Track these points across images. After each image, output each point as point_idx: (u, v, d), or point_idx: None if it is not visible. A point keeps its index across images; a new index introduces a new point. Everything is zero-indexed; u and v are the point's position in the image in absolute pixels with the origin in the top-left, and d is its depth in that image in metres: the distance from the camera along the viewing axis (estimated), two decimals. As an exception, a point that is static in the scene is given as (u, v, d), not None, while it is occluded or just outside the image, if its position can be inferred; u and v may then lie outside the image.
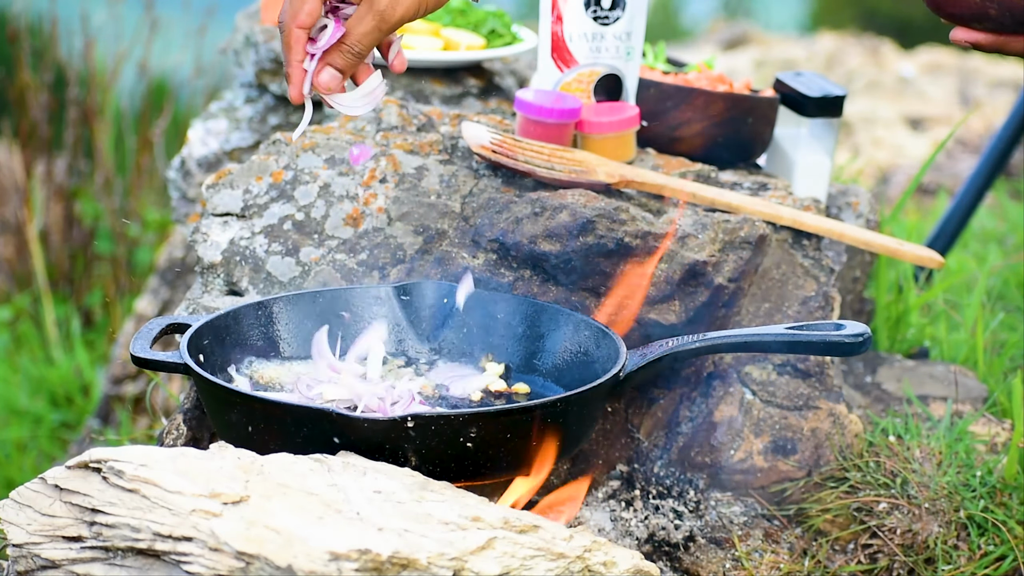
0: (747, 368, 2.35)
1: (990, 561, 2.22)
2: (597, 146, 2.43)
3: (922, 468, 2.31)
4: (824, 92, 2.54)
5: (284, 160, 2.39)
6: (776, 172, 2.59)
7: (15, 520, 1.76)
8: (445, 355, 2.23)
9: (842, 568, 2.23)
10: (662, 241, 2.20)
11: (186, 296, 2.34)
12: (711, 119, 2.50)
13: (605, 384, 1.98)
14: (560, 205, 2.28)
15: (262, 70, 3.06)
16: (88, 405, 4.20)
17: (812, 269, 2.39)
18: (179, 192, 3.15)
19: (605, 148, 2.43)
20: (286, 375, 2.13)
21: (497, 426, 1.88)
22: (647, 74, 2.59)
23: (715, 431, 2.30)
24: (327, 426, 1.85)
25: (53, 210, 4.87)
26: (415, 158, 2.38)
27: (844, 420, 2.34)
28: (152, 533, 1.66)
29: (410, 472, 1.84)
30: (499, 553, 1.70)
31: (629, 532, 2.21)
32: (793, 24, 10.86)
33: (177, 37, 5.29)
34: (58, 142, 4.96)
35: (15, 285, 4.83)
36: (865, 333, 1.99)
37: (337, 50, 1.93)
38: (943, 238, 3.12)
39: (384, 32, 1.92)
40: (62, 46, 5.00)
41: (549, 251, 2.25)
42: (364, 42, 1.92)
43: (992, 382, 2.66)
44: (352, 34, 1.92)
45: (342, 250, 2.30)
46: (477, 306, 2.21)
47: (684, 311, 2.28)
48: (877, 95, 5.71)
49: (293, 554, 1.60)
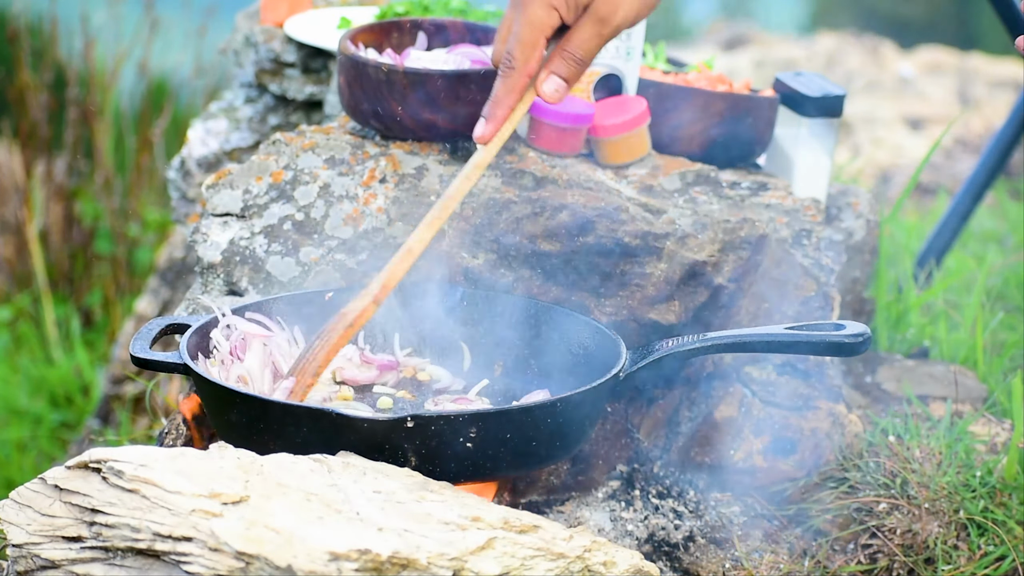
0: (747, 368, 2.35)
1: (990, 561, 2.22)
2: (612, 148, 2.44)
3: (922, 468, 2.31)
4: (824, 92, 2.54)
5: (284, 160, 2.39)
6: (776, 172, 2.60)
7: (15, 520, 1.76)
8: (443, 355, 2.23)
9: (842, 568, 2.23)
10: None
11: (186, 296, 2.34)
12: (711, 119, 2.50)
13: (605, 384, 1.98)
14: (560, 205, 2.28)
15: (262, 70, 3.06)
16: (88, 405, 4.21)
17: (812, 269, 2.39)
18: (179, 192, 3.15)
19: (621, 149, 2.44)
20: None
21: (497, 426, 1.88)
22: (647, 74, 2.59)
23: (715, 431, 2.30)
24: (327, 426, 1.85)
25: (53, 210, 4.87)
26: (415, 158, 2.38)
27: (844, 420, 2.34)
28: (152, 533, 1.66)
29: (410, 472, 1.84)
30: (499, 553, 1.70)
31: (629, 532, 2.21)
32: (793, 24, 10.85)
33: (177, 37, 5.29)
34: (58, 142, 4.96)
35: (15, 285, 4.84)
36: (865, 333, 1.99)
37: (560, 57, 1.90)
38: (943, 238, 3.12)
39: (605, 37, 1.89)
40: (62, 46, 5.00)
41: (549, 251, 2.25)
42: (586, 48, 1.89)
43: (992, 382, 2.66)
44: (573, 40, 1.89)
45: (342, 250, 2.30)
46: (477, 306, 2.22)
47: (684, 311, 2.28)
48: (877, 95, 5.71)
49: (293, 554, 1.60)
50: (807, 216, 2.45)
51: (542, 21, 1.88)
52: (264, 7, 3.08)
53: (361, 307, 1.99)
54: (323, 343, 2.00)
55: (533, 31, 1.88)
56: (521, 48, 1.89)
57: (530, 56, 1.89)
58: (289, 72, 3.05)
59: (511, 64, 1.90)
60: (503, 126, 1.94)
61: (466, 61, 2.40)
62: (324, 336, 2.00)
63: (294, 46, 3.02)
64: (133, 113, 5.18)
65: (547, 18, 1.88)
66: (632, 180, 2.44)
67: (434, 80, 2.31)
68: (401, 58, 2.43)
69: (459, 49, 2.46)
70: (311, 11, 3.06)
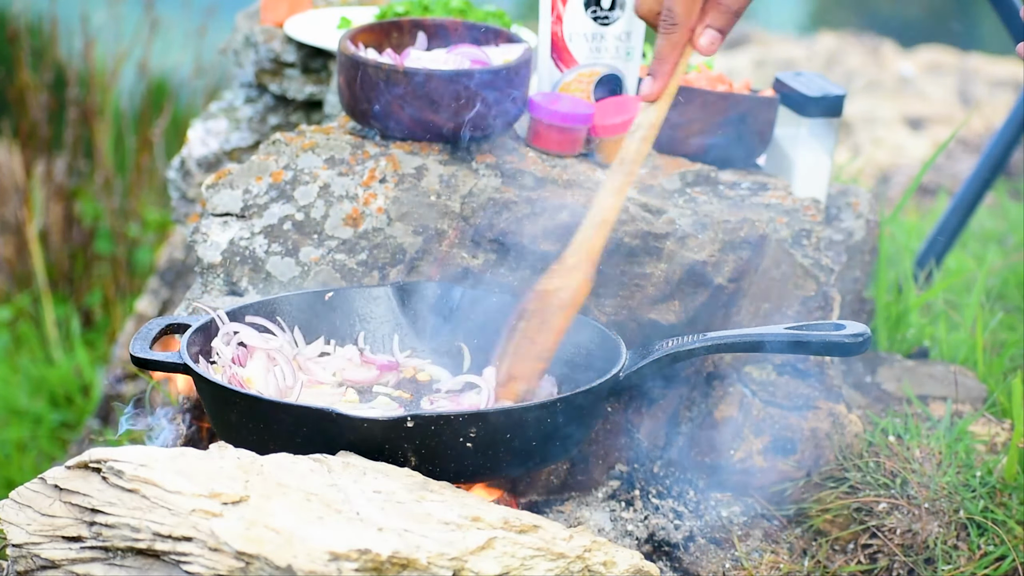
0: (747, 368, 2.35)
1: (990, 561, 2.22)
2: (612, 148, 2.44)
3: (922, 468, 2.31)
4: (824, 92, 2.54)
5: (284, 160, 2.39)
6: (776, 172, 2.59)
7: (15, 520, 1.77)
8: (443, 355, 2.23)
9: (842, 568, 2.23)
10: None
11: (186, 296, 2.34)
12: (711, 119, 2.50)
13: (605, 384, 1.98)
14: (560, 205, 2.28)
15: (262, 70, 3.06)
16: (88, 405, 4.20)
17: (812, 269, 2.39)
18: (179, 192, 3.15)
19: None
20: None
21: (497, 426, 1.88)
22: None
23: (715, 431, 2.30)
24: (327, 426, 1.85)
25: (53, 210, 4.87)
26: (415, 158, 2.38)
27: (844, 420, 2.34)
28: (152, 533, 1.66)
29: (410, 472, 1.84)
30: (499, 553, 1.70)
31: (629, 532, 2.21)
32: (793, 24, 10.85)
33: (177, 37, 5.29)
34: (58, 142, 4.96)
35: (15, 285, 4.83)
36: (865, 333, 1.99)
37: (715, 10, 1.91)
38: (943, 238, 3.12)
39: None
40: (62, 46, 4.99)
41: (549, 251, 2.25)
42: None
43: (992, 382, 2.66)
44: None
45: (342, 250, 2.30)
46: (477, 306, 2.22)
47: (684, 311, 2.28)
48: (877, 95, 5.70)
49: (293, 554, 1.60)
50: (807, 216, 2.45)
51: None
52: (264, 7, 3.08)
53: (575, 285, 1.99)
54: (536, 325, 2.00)
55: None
56: (683, 4, 1.90)
57: (692, 10, 1.90)
58: (289, 72, 3.05)
59: (673, 20, 1.91)
60: (669, 82, 1.95)
61: (466, 61, 2.40)
62: (532, 318, 2.01)
63: (294, 46, 3.02)
64: (133, 113, 5.18)
65: None
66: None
67: (434, 80, 2.30)
68: (401, 58, 2.43)
69: (459, 49, 2.46)
70: (311, 11, 3.06)
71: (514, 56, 2.45)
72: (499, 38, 2.51)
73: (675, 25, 1.91)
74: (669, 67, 1.94)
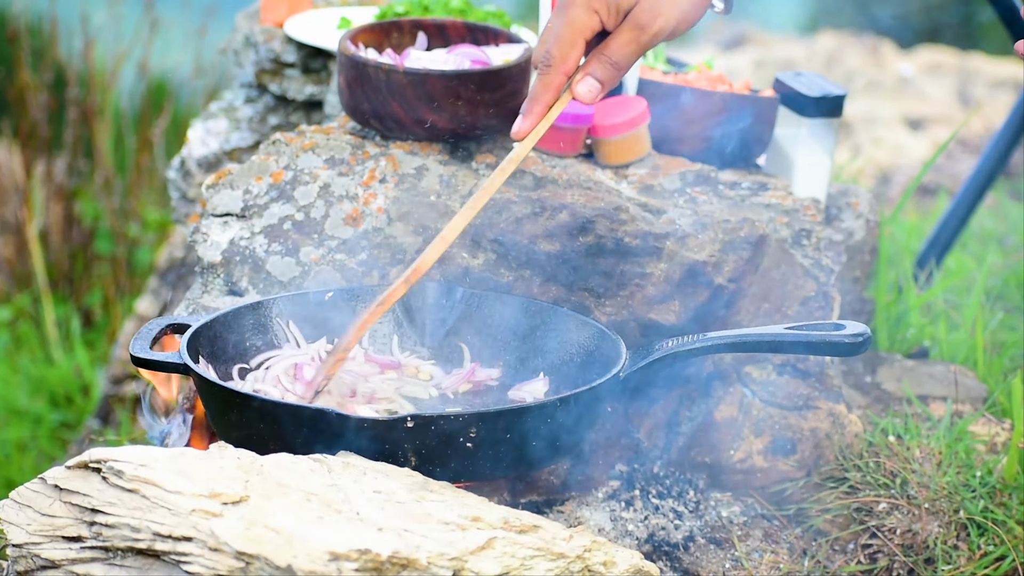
0: (747, 368, 2.35)
1: (990, 561, 2.22)
2: (612, 148, 2.44)
3: (922, 468, 2.31)
4: (824, 92, 2.54)
5: (284, 160, 2.39)
6: (776, 172, 2.60)
7: (15, 520, 1.77)
8: (443, 355, 2.23)
9: (842, 568, 2.23)
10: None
11: (186, 296, 2.34)
12: (711, 119, 2.50)
13: (605, 384, 1.98)
14: (560, 205, 2.28)
15: (262, 70, 3.06)
16: (88, 405, 4.21)
17: (812, 269, 2.39)
18: (179, 192, 3.15)
19: (621, 149, 2.45)
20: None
21: (497, 426, 1.88)
22: (647, 74, 2.59)
23: (715, 431, 2.30)
24: (327, 426, 1.85)
25: (53, 210, 4.87)
26: (415, 158, 2.38)
27: (844, 420, 2.34)
28: (152, 533, 1.66)
29: (410, 472, 1.84)
30: (499, 553, 1.70)
31: (629, 532, 2.21)
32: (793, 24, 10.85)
33: (177, 37, 5.29)
34: (58, 142, 4.96)
35: (15, 285, 4.84)
36: (865, 333, 1.99)
37: (597, 60, 1.92)
38: (943, 238, 3.12)
39: (644, 45, 1.91)
40: (62, 46, 5.00)
41: (549, 251, 2.25)
42: (624, 53, 1.92)
43: (992, 382, 2.66)
44: (612, 45, 1.91)
45: (342, 250, 2.30)
46: (477, 306, 2.22)
47: (684, 311, 2.28)
48: (877, 95, 5.70)
49: (293, 554, 1.60)
50: (807, 216, 2.45)
51: (583, 23, 1.91)
52: (264, 7, 3.08)
53: (393, 287, 2.01)
54: (354, 322, 2.03)
55: (573, 31, 1.91)
56: (559, 47, 1.92)
57: (568, 55, 1.92)
58: (289, 72, 3.05)
59: (549, 62, 1.93)
60: (539, 123, 1.95)
61: (466, 61, 2.40)
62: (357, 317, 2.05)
63: (294, 46, 3.02)
64: (133, 113, 5.18)
65: (587, 20, 1.91)
66: (632, 180, 2.44)
67: (434, 80, 2.31)
68: (401, 58, 2.43)
69: (459, 49, 2.46)
70: (311, 11, 3.06)
71: (514, 56, 2.45)
72: (499, 38, 2.51)
73: (550, 67, 1.92)
74: (541, 107, 1.94)
